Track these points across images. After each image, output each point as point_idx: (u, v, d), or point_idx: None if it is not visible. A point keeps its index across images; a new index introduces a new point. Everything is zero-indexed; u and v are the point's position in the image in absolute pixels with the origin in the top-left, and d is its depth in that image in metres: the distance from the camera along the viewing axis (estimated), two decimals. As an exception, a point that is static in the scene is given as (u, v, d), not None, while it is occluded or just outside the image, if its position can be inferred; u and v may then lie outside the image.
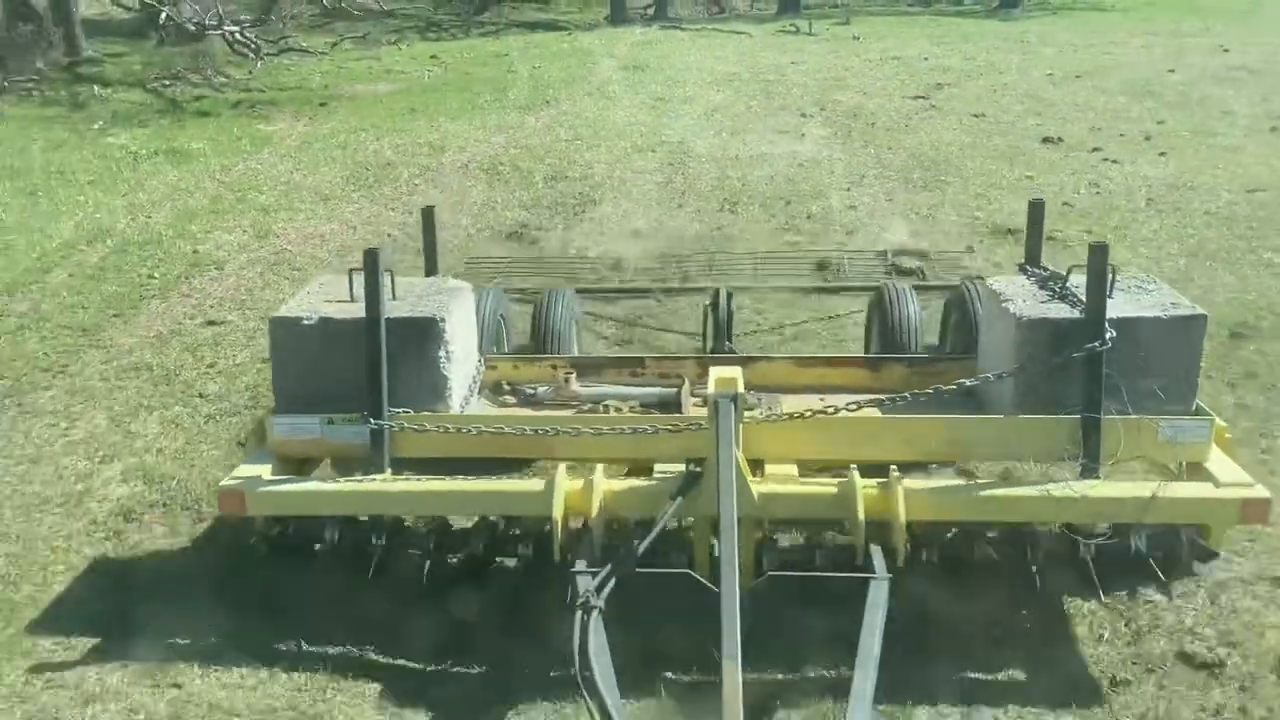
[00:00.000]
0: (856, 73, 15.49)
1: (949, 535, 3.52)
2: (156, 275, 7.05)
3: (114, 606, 3.64)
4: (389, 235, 7.78)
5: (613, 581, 3.08)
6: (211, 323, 6.20)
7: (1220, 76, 14.37)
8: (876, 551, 3.24)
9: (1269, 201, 8.34)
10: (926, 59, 16.51)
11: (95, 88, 12.85)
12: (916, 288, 5.04)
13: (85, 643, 3.45)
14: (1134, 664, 3.28)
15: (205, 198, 8.89)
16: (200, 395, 5.23)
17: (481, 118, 12.14)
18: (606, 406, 4.13)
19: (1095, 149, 10.37)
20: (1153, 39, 18.31)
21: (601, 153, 10.41)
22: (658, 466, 3.62)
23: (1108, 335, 3.42)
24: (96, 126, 11.36)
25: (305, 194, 8.93)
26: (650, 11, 24.47)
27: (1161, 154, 10.09)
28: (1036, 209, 4.37)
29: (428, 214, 4.64)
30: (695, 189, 9.13)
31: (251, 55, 15.44)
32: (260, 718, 3.13)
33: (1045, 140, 10.75)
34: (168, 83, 13.38)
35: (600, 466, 3.54)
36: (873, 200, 8.74)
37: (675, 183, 9.35)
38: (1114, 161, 9.83)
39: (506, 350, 4.95)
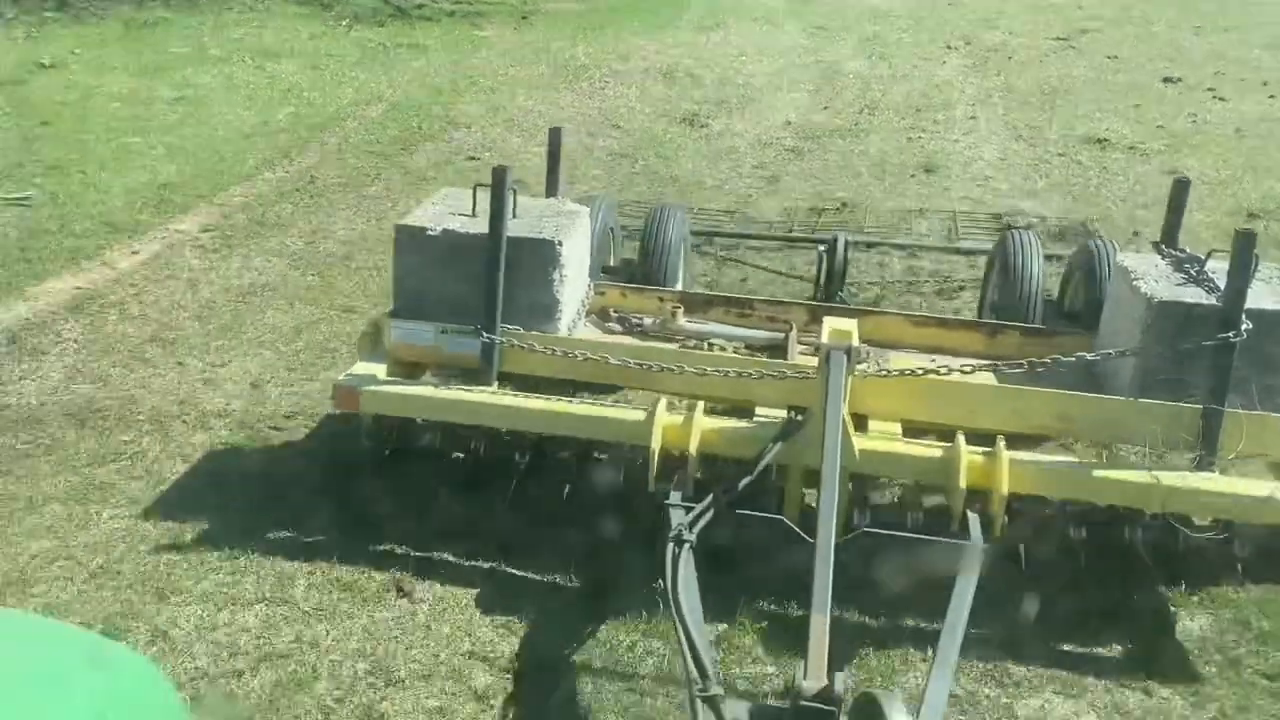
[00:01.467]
0: (1009, 15, 16.11)
1: (1048, 511, 3.47)
2: (423, 127, 9.06)
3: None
4: (586, 116, 9.67)
5: (706, 517, 3.12)
6: (471, 158, 8.19)
7: None
8: (974, 519, 3.22)
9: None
10: (1082, 7, 16.78)
11: None
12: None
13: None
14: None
15: (444, 80, 10.88)
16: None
17: (660, 34, 13.75)
18: (712, 345, 4.14)
19: (1210, 89, 11.39)
20: None
21: (764, 65, 12.13)
22: (759, 410, 3.63)
23: (1243, 326, 3.29)
24: (344, 24, 13.47)
25: (521, 83, 10.88)
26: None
27: (1271, 96, 11.13)
28: (1180, 188, 4.18)
29: (554, 134, 4.65)
30: (842, 97, 10.82)
31: None
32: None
33: (1165, 80, 11.79)
34: None
35: (701, 404, 3.57)
36: (990, 113, 10.30)
37: (824, 91, 11.07)
38: (1222, 99, 10.96)
39: (613, 263, 4.98)
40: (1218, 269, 3.56)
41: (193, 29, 12.48)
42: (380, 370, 3.76)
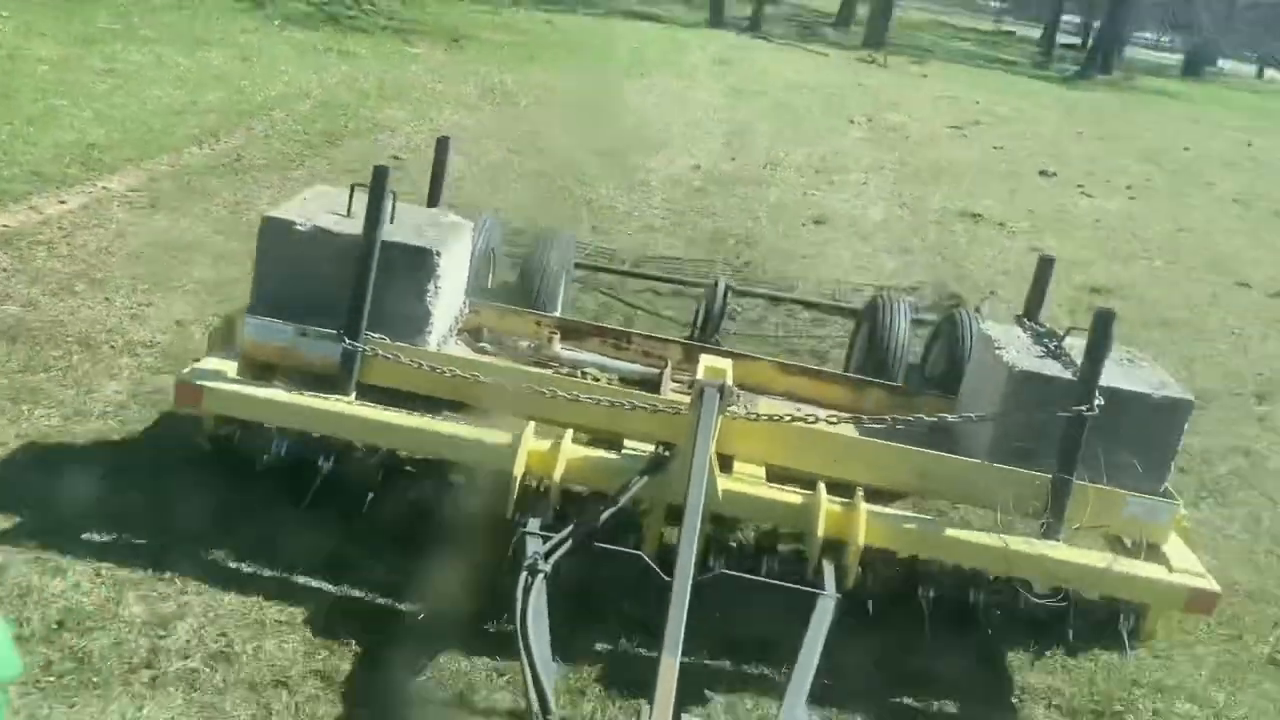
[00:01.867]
0: (911, 102, 17.38)
1: (897, 567, 3.51)
2: (349, 126, 9.46)
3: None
4: (511, 135, 10.07)
5: (562, 549, 3.02)
6: (395, 157, 8.22)
7: (1227, 160, 16.28)
8: (829, 569, 3.22)
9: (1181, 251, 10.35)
10: (979, 103, 18.30)
11: None
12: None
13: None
14: None
15: (372, 86, 11.26)
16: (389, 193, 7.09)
17: (586, 75, 14.56)
18: (585, 373, 4.07)
19: (1079, 185, 12.44)
20: (1192, 124, 20.17)
21: (682, 114, 12.91)
22: (627, 443, 3.57)
23: (1096, 401, 3.42)
24: (276, 24, 13.91)
25: (448, 99, 11.38)
26: (746, 23, 27.07)
27: (1131, 198, 12.34)
28: (1045, 266, 4.35)
29: (441, 144, 4.53)
30: (749, 151, 11.55)
31: None
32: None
33: (1041, 173, 12.82)
34: (327, 2, 16.10)
35: (569, 432, 3.48)
36: (881, 181, 11.26)
37: (733, 144, 11.77)
38: (1088, 195, 12.03)
39: (490, 285, 4.86)
40: (1074, 345, 3.70)
41: (123, 7, 12.54)
42: (231, 368, 3.52)
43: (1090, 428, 3.42)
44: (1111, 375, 3.56)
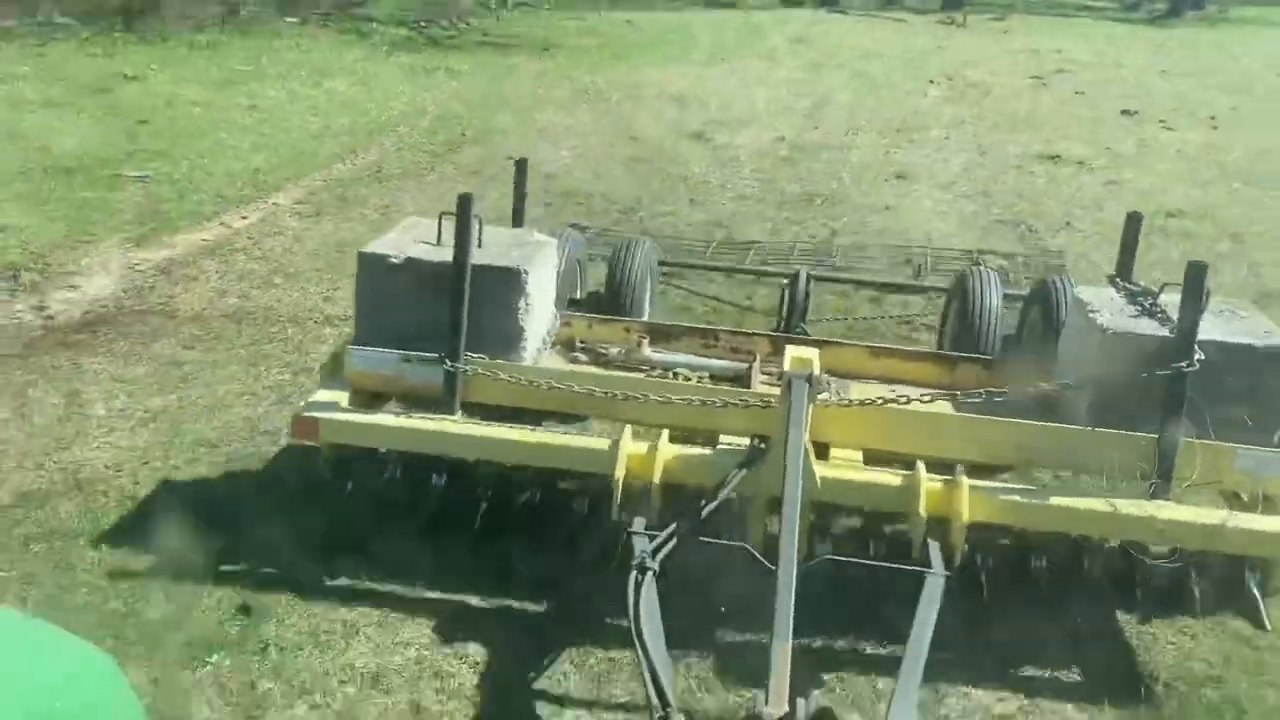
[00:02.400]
0: (992, 58, 17.31)
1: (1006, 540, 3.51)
2: (466, 134, 10.42)
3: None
4: (607, 130, 10.85)
5: (669, 546, 3.12)
6: (510, 158, 7.93)
7: None
8: (934, 547, 3.23)
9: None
10: (1060, 51, 17.91)
11: (373, 23, 16.61)
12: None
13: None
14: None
15: (479, 98, 12.15)
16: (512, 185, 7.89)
17: (669, 67, 14.93)
18: (676, 374, 4.16)
19: (1161, 121, 12.51)
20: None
21: (763, 93, 13.28)
22: (722, 439, 3.64)
23: (1196, 357, 3.35)
24: (384, 50, 14.91)
25: (548, 102, 12.11)
26: (822, 0, 26.45)
27: (1214, 128, 12.28)
28: (1133, 222, 4.28)
29: (520, 165, 4.68)
30: (831, 120, 12.02)
31: (495, 7, 19.45)
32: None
33: (1123, 112, 12.97)
34: (424, 24, 17.03)
35: (665, 432, 3.58)
36: (961, 135, 11.52)
37: (815, 115, 12.23)
38: (1170, 129, 12.13)
39: (579, 295, 5.00)
40: (1170, 301, 3.63)
41: (250, 50, 13.81)
42: (343, 398, 3.73)
43: (1193, 383, 3.37)
44: (1210, 328, 3.49)
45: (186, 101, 10.76)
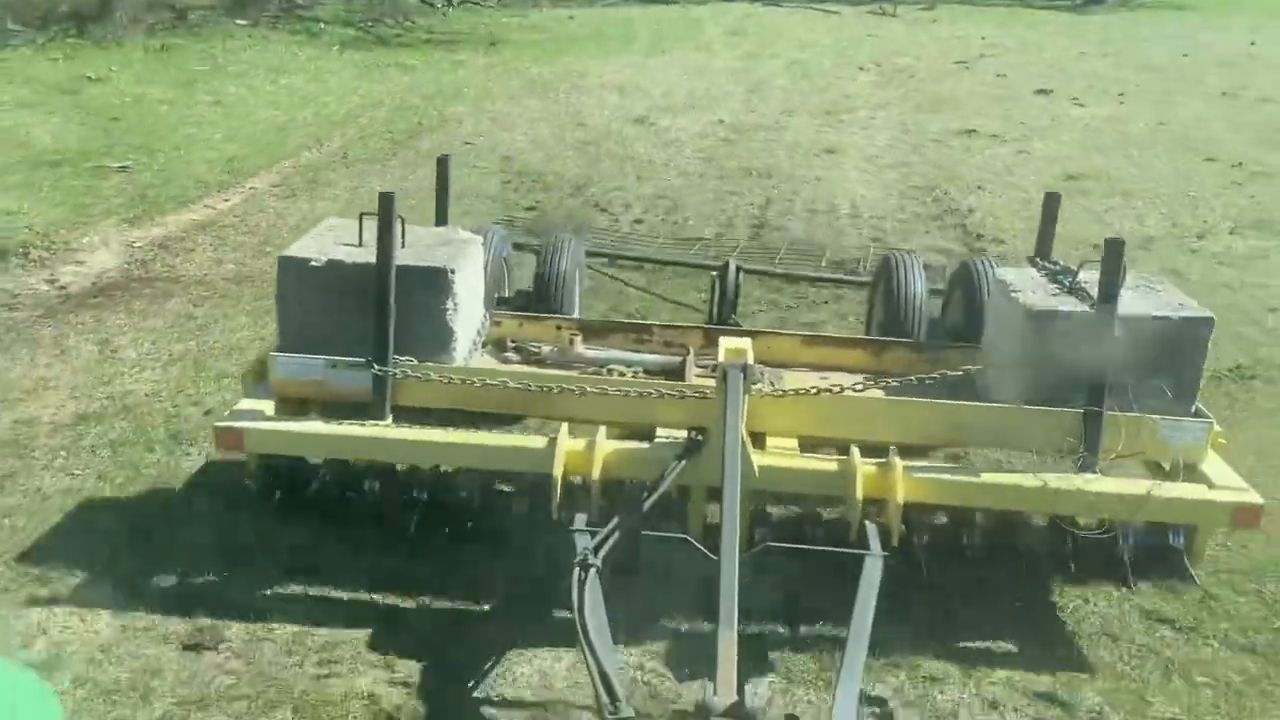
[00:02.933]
0: (920, 45, 18.06)
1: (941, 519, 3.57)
2: (423, 123, 10.89)
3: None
4: (556, 116, 11.44)
5: (611, 541, 3.09)
6: (467, 143, 10.06)
7: (1225, 61, 16.49)
8: (872, 529, 3.26)
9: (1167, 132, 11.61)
10: (984, 38, 18.74)
11: (321, 24, 16.92)
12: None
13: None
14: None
15: (432, 90, 12.62)
16: (472, 166, 9.10)
17: (612, 59, 15.38)
18: (610, 370, 4.13)
19: (1074, 98, 13.23)
20: (1199, 32, 20.28)
21: (702, 81, 13.88)
22: (659, 432, 3.63)
23: (1116, 332, 3.44)
24: (335, 49, 15.21)
25: (497, 93, 12.65)
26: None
27: (1122, 103, 13.07)
28: (1052, 201, 4.38)
29: (442, 163, 4.59)
30: (767, 104, 12.62)
31: (441, 5, 19.51)
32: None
33: (1039, 91, 13.64)
34: (370, 24, 17.38)
35: (603, 428, 3.55)
36: (887, 114, 12.23)
37: (752, 100, 12.85)
38: (1081, 105, 12.90)
39: (507, 294, 4.94)
40: (1089, 279, 3.73)
41: (206, 51, 14.12)
42: (268, 407, 3.62)
43: (1114, 357, 3.45)
44: (1129, 303, 3.59)
45: (152, 100, 11.17)
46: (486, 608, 3.42)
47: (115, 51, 13.71)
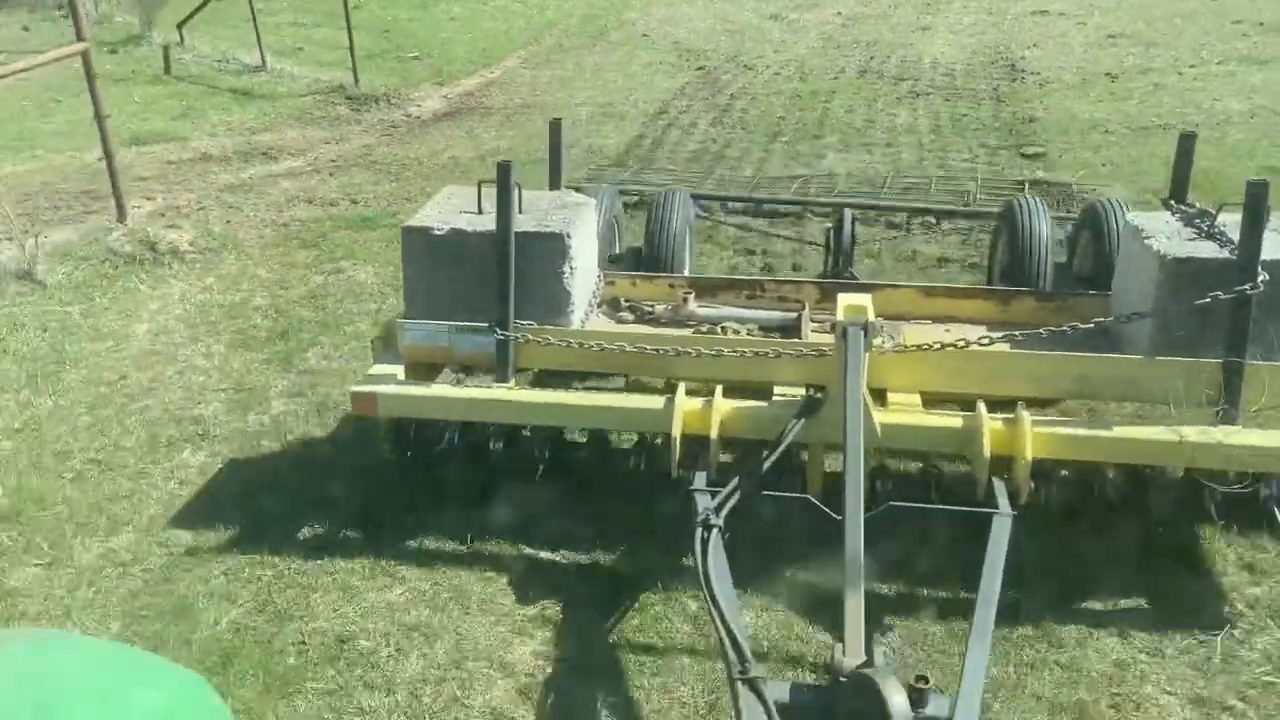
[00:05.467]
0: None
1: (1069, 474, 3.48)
2: (608, 24, 15.27)
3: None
4: (707, 16, 15.66)
5: (732, 500, 3.12)
6: (644, 35, 14.47)
7: None
8: (1000, 487, 3.21)
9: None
10: None
11: None
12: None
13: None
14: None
15: (606, 4, 16.75)
16: (654, 47, 13.45)
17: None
18: (725, 328, 4.14)
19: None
20: None
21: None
22: (777, 390, 3.63)
23: (1260, 278, 3.27)
24: None
25: (658, 2, 16.91)
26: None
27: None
28: (1187, 142, 4.16)
29: (555, 127, 4.63)
30: (876, 2, 16.56)
31: None
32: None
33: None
34: None
35: (719, 388, 3.57)
36: (977, 2, 16.09)
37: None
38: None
39: (618, 250, 4.98)
40: (1228, 222, 3.54)
41: None
42: (398, 371, 3.76)
43: (1257, 305, 3.29)
44: (1273, 247, 3.40)
45: (403, 19, 15.49)
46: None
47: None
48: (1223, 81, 10.19)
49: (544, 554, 3.54)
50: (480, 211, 3.89)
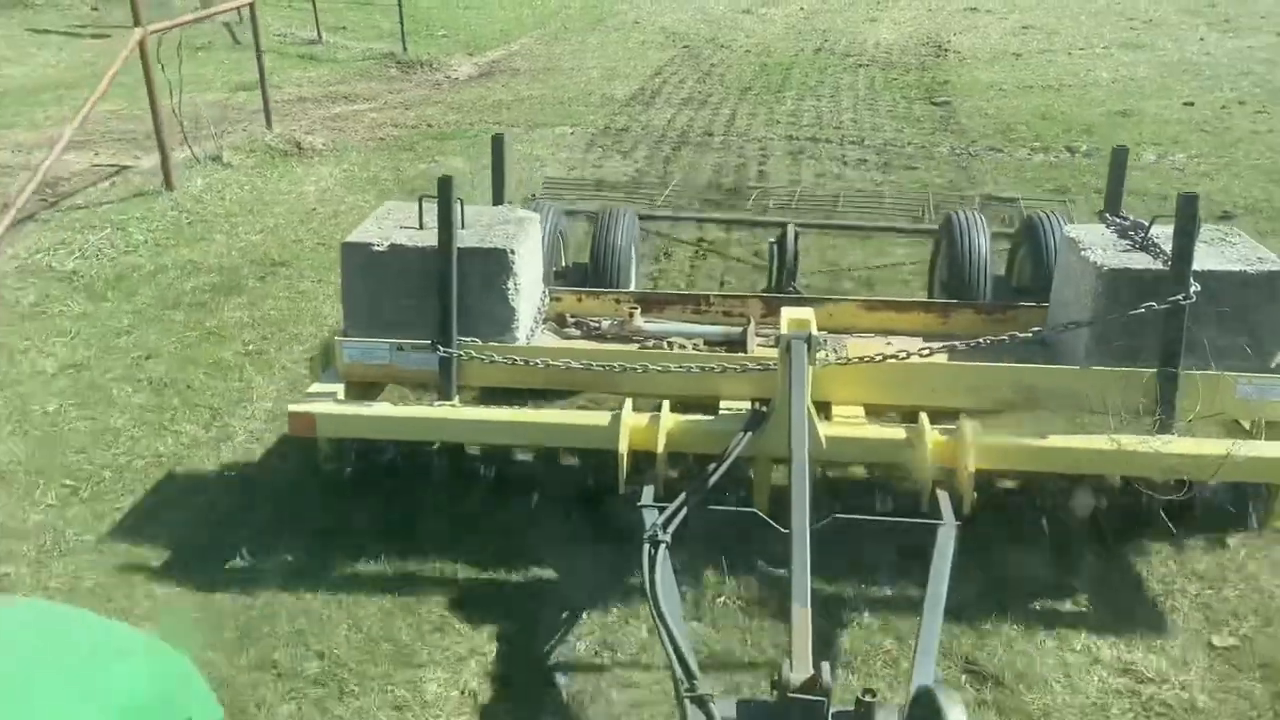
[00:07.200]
0: None
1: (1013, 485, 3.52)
2: (603, 14, 18.36)
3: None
4: (687, 11, 19.02)
5: (679, 517, 3.10)
6: (636, 21, 17.68)
7: None
8: (944, 498, 3.23)
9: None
10: None
11: None
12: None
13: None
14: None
15: None
16: (644, 31, 17.01)
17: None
18: (670, 343, 4.12)
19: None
20: None
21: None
22: (723, 404, 3.62)
23: (1192, 289, 3.34)
24: None
25: None
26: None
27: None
28: (1120, 155, 4.25)
29: (497, 141, 4.60)
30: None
31: None
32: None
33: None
34: None
35: (666, 403, 3.56)
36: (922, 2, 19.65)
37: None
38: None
39: (564, 264, 4.95)
40: (1161, 234, 3.62)
41: None
42: (338, 390, 3.68)
43: (1190, 315, 3.36)
44: (1204, 258, 3.48)
45: (425, 6, 17.54)
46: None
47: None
48: (1100, 58, 13.69)
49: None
50: (421, 227, 3.83)
